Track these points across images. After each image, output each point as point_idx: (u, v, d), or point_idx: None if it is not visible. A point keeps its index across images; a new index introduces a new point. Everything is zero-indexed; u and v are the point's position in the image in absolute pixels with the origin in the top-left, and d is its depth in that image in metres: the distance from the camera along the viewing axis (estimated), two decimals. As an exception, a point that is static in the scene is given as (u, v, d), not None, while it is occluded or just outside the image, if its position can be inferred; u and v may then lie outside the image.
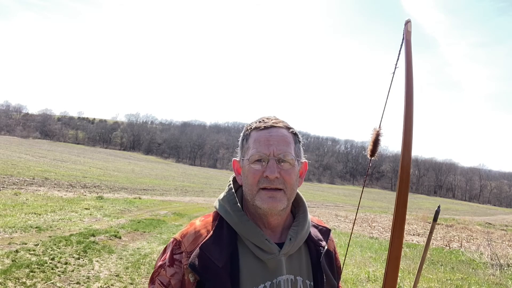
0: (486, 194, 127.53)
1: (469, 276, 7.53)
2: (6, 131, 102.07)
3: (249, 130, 1.09)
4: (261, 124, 1.07)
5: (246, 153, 1.07)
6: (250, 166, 1.04)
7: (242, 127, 1.13)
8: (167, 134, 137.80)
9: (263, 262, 1.02)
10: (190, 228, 1.08)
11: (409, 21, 1.14)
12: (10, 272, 4.77)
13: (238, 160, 1.13)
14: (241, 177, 1.10)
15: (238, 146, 1.14)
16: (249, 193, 1.04)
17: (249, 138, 1.08)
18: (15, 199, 11.38)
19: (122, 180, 30.82)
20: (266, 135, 1.05)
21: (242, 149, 1.11)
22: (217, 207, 1.10)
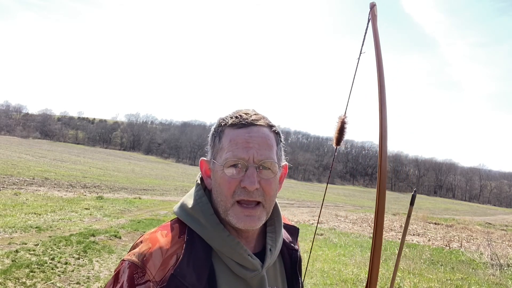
0: (486, 194, 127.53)
1: (469, 276, 7.53)
2: (6, 131, 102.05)
3: (223, 126, 0.89)
4: (238, 120, 0.88)
5: (219, 155, 0.87)
6: (224, 172, 0.84)
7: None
8: (167, 134, 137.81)
9: (243, 280, 0.86)
10: (153, 247, 0.81)
11: (374, 4, 1.08)
12: (10, 272, 4.77)
13: (207, 160, 0.93)
14: (211, 181, 0.90)
15: (208, 144, 0.95)
16: (221, 204, 0.86)
17: (223, 136, 0.88)
18: (15, 199, 11.37)
19: (122, 180, 30.82)
20: (245, 136, 0.85)
21: (213, 148, 0.91)
22: (183, 217, 0.87)
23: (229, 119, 0.90)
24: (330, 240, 11.06)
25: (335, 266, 7.46)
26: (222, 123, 0.91)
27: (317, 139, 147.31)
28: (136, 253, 0.81)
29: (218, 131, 0.91)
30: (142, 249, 0.81)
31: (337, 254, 8.80)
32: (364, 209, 33.22)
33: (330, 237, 11.53)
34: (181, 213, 0.89)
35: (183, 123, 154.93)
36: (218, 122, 0.92)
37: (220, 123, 0.91)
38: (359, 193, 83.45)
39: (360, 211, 26.96)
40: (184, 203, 0.90)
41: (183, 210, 0.89)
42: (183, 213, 0.89)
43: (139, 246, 0.83)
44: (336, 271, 7.00)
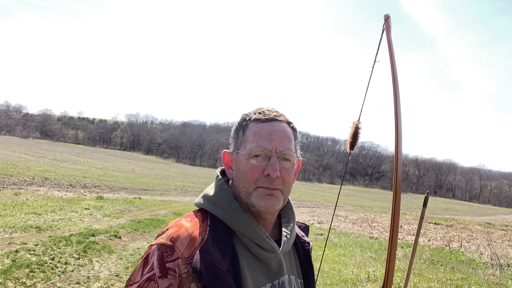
0: (486, 194, 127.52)
1: (469, 276, 7.53)
2: (6, 131, 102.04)
3: (247, 120, 0.98)
4: (262, 115, 0.97)
5: (242, 146, 0.96)
6: (248, 161, 0.93)
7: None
8: (167, 134, 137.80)
9: (263, 262, 0.94)
10: (180, 230, 0.88)
11: (388, 16, 1.14)
12: (10, 272, 4.77)
13: (230, 152, 1.01)
14: (233, 171, 0.99)
15: (231, 137, 1.02)
16: (243, 190, 0.94)
17: (247, 129, 0.97)
18: (15, 199, 11.37)
19: (122, 180, 30.82)
20: (268, 129, 0.95)
21: (236, 140, 0.99)
22: (205, 205, 0.96)
23: (252, 115, 0.99)
24: (330, 240, 11.06)
25: (335, 266, 7.46)
26: (246, 117, 1.00)
27: (317, 139, 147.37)
28: (164, 237, 0.88)
29: (242, 125, 0.99)
30: (169, 232, 0.88)
31: (337, 254, 8.81)
32: (364, 209, 33.22)
33: (330, 237, 11.53)
34: (203, 202, 0.97)
35: (183, 123, 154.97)
36: (241, 117, 1.01)
37: (244, 118, 1.00)
38: (359, 193, 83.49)
39: (360, 211, 26.96)
40: (205, 193, 0.99)
41: (205, 199, 0.98)
42: (205, 201, 0.97)
43: (166, 232, 0.90)
44: (336, 271, 7.00)
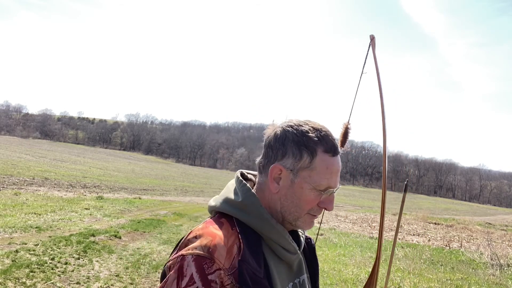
0: (486, 194, 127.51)
1: (469, 276, 7.53)
2: (6, 131, 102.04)
3: (316, 145, 0.92)
4: (330, 145, 0.94)
5: (307, 173, 0.92)
6: (311, 192, 0.92)
7: (242, 127, 1.05)
8: (167, 134, 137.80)
9: (286, 263, 0.97)
10: (215, 240, 0.86)
11: (373, 37, 1.24)
12: (10, 272, 4.77)
13: (286, 168, 0.93)
14: (279, 186, 0.95)
15: (278, 149, 0.95)
16: (292, 212, 0.94)
17: (316, 158, 0.92)
18: (15, 199, 11.38)
19: (122, 180, 30.82)
20: (336, 166, 0.94)
21: (299, 161, 0.92)
22: (231, 211, 0.94)
23: (323, 142, 0.93)
24: (330, 240, 11.06)
25: (335, 266, 7.46)
26: (314, 139, 0.93)
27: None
28: (198, 247, 0.84)
29: (309, 147, 0.92)
30: (203, 242, 0.85)
31: (337, 254, 8.81)
32: (364, 209, 33.22)
33: (330, 237, 11.53)
34: (228, 207, 0.95)
35: (183, 123, 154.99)
36: (306, 136, 0.93)
37: (311, 139, 0.93)
38: (359, 193, 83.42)
39: (360, 211, 26.98)
40: (228, 198, 0.97)
41: (228, 204, 0.95)
42: (229, 206, 0.95)
43: (198, 241, 0.86)
44: (336, 271, 7.00)
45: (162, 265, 6.24)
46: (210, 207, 1.00)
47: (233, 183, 1.02)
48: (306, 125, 0.95)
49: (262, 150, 1.00)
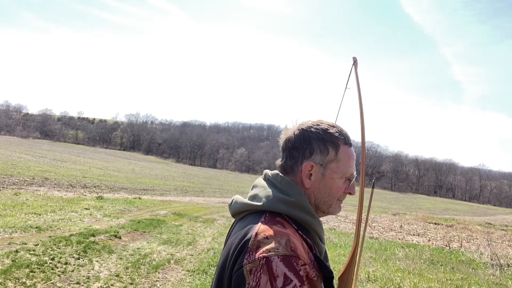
0: (486, 194, 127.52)
1: (469, 276, 7.53)
2: (6, 131, 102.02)
3: (338, 140, 1.07)
4: (347, 137, 1.10)
5: (333, 164, 1.06)
6: (339, 180, 1.07)
7: (242, 127, 1.10)
8: (167, 134, 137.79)
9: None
10: (290, 238, 0.92)
11: (356, 60, 1.48)
12: (10, 272, 4.77)
13: (316, 163, 1.05)
14: (309, 181, 1.06)
15: (304, 148, 1.06)
16: (325, 201, 1.08)
17: (339, 150, 1.07)
18: (15, 199, 11.37)
19: (122, 180, 30.82)
20: (354, 154, 1.10)
21: (326, 156, 1.06)
22: (286, 209, 1.00)
23: (341, 136, 1.08)
24: (330, 240, 11.06)
25: (335, 266, 7.46)
26: (336, 134, 1.07)
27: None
28: (279, 247, 0.88)
29: (333, 142, 1.06)
30: (282, 242, 0.90)
31: (337, 254, 8.80)
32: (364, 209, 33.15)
33: (330, 237, 11.53)
34: (283, 206, 1.01)
35: (183, 123, 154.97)
36: (328, 133, 1.07)
37: (332, 134, 1.07)
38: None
39: (360, 211, 26.93)
40: (281, 197, 1.02)
41: (283, 203, 1.01)
42: (284, 206, 1.01)
43: (274, 241, 0.90)
44: (336, 271, 6.99)
45: (162, 265, 6.24)
46: (252, 205, 1.04)
47: (263, 183, 1.09)
48: (322, 123, 1.09)
49: (283, 153, 1.11)
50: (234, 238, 1.00)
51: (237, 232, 1.02)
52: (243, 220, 1.06)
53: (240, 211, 1.08)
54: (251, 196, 1.08)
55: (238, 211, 1.09)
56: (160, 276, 5.68)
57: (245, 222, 1.03)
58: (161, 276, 5.69)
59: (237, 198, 1.12)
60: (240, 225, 1.05)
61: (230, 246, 0.99)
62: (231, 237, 1.07)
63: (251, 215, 1.03)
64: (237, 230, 1.03)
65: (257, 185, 1.10)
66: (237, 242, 0.95)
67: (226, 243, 1.08)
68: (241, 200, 1.10)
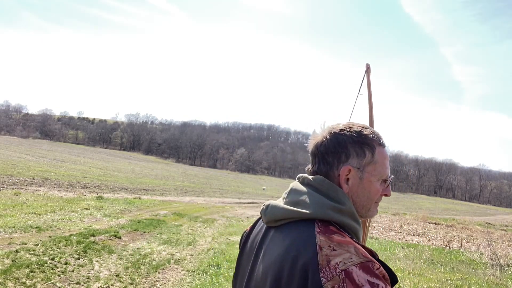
0: (486, 194, 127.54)
1: (469, 276, 7.53)
2: (6, 131, 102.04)
3: (373, 141, 1.03)
4: (380, 139, 1.05)
5: (371, 167, 1.01)
6: (377, 183, 1.02)
7: (242, 127, 1.08)
8: (167, 134, 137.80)
9: None
10: (357, 246, 0.90)
11: (369, 66, 1.45)
12: (10, 272, 4.77)
13: (354, 167, 1.01)
14: (348, 186, 1.01)
15: (340, 152, 1.01)
16: (364, 204, 1.03)
17: (375, 151, 1.02)
18: (15, 199, 11.37)
19: (122, 180, 30.82)
20: (388, 157, 1.07)
21: (363, 159, 1.01)
22: (340, 219, 0.95)
23: (375, 137, 1.04)
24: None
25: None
26: (370, 137, 1.03)
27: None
28: (352, 256, 0.86)
29: (369, 144, 1.02)
30: (351, 250, 0.87)
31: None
32: (364, 209, 33.20)
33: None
34: (336, 215, 0.95)
35: (183, 123, 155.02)
36: (363, 135, 1.02)
37: (367, 136, 1.03)
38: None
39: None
40: (334, 205, 0.96)
41: (337, 212, 0.96)
42: (337, 214, 0.96)
43: (344, 251, 0.86)
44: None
45: (162, 265, 6.24)
46: (299, 213, 0.95)
47: (304, 188, 1.01)
48: (355, 126, 1.05)
49: (315, 158, 1.04)
50: (282, 251, 0.91)
51: (283, 243, 0.93)
52: (284, 228, 0.97)
53: (280, 218, 0.98)
54: (291, 202, 0.99)
55: (277, 218, 0.99)
56: (160, 276, 5.68)
57: (290, 231, 0.94)
58: (161, 276, 5.68)
59: (275, 203, 1.02)
60: (283, 234, 0.95)
61: (279, 260, 0.91)
62: (272, 248, 0.97)
63: (296, 223, 0.95)
64: (282, 241, 0.94)
65: (297, 190, 1.01)
66: (293, 257, 0.88)
67: (265, 255, 0.98)
68: (282, 206, 0.99)
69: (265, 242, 1.01)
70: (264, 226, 1.06)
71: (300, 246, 0.89)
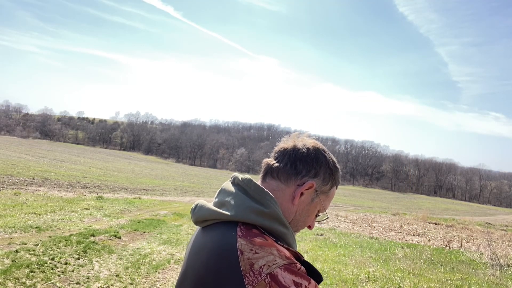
0: (486, 194, 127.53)
1: (469, 276, 7.52)
2: (6, 131, 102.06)
3: (338, 179, 1.07)
4: (339, 180, 1.08)
5: (323, 197, 1.04)
6: (315, 212, 1.04)
7: (242, 127, 1.08)
8: (167, 134, 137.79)
9: None
10: (279, 248, 0.90)
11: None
12: (10, 272, 4.77)
13: (316, 188, 1.01)
14: (299, 200, 1.00)
15: (312, 167, 1.01)
16: (299, 224, 1.03)
17: (333, 188, 1.06)
18: (15, 199, 11.37)
19: (122, 180, 30.82)
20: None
21: (324, 184, 1.02)
22: (262, 222, 0.92)
23: (340, 178, 1.08)
24: (330, 240, 11.06)
25: (335, 266, 7.46)
26: (339, 174, 1.07)
27: (317, 139, 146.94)
28: (276, 258, 0.85)
29: (336, 179, 1.06)
30: (274, 252, 0.86)
31: (337, 254, 8.80)
32: (364, 209, 33.22)
33: (330, 237, 11.53)
34: (256, 218, 0.92)
35: (183, 123, 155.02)
36: (336, 168, 1.06)
37: (338, 172, 1.06)
38: (359, 193, 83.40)
39: (360, 211, 26.96)
40: (255, 208, 0.93)
41: (257, 215, 0.92)
42: (258, 217, 0.92)
43: (267, 253, 0.85)
44: (336, 271, 7.00)
45: (162, 265, 6.24)
46: (221, 214, 0.93)
47: (232, 188, 0.99)
48: (331, 153, 1.07)
49: (284, 158, 1.01)
50: (204, 253, 0.90)
51: (206, 245, 0.91)
52: (209, 229, 0.95)
53: (205, 219, 0.96)
54: (219, 202, 0.98)
55: (203, 219, 0.97)
56: (160, 276, 5.68)
57: (213, 233, 0.92)
58: (161, 276, 5.68)
59: (202, 204, 1.00)
60: (207, 235, 0.94)
61: (200, 262, 0.90)
62: (195, 249, 0.95)
63: (220, 225, 0.92)
64: (205, 242, 0.92)
65: (226, 191, 0.99)
66: (214, 261, 0.86)
67: (190, 254, 0.97)
68: (207, 206, 0.97)
69: (193, 243, 0.99)
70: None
71: (220, 251, 0.86)
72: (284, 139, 1.08)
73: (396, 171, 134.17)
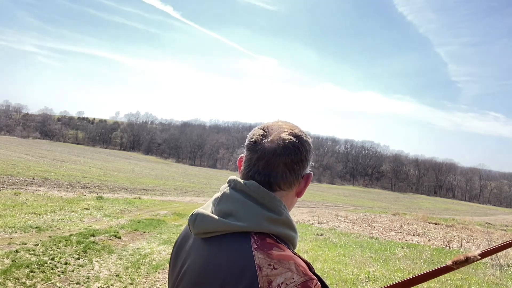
0: (486, 194, 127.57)
1: (469, 276, 7.53)
2: (6, 131, 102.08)
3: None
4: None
5: (303, 183, 0.96)
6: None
7: (242, 127, 1.04)
8: (167, 134, 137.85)
9: None
10: (297, 260, 0.85)
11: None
12: (10, 272, 4.77)
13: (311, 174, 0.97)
14: (301, 195, 0.98)
15: (307, 161, 0.94)
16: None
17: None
18: (15, 199, 11.37)
19: (122, 180, 30.82)
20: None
21: (307, 166, 0.95)
22: (276, 230, 0.87)
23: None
24: (330, 240, 11.06)
25: (335, 266, 7.46)
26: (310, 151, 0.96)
27: (317, 139, 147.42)
28: (294, 275, 0.80)
29: (311, 155, 0.97)
30: (292, 267, 0.81)
31: (337, 254, 8.80)
32: (364, 209, 33.22)
33: (330, 237, 11.53)
34: (272, 226, 0.87)
35: (183, 123, 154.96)
36: (311, 145, 0.96)
37: (311, 148, 0.96)
38: (359, 193, 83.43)
39: (360, 211, 26.96)
40: (269, 216, 0.87)
41: (273, 223, 0.87)
42: (273, 226, 0.87)
43: (285, 269, 0.81)
44: (336, 271, 7.00)
45: (162, 265, 6.24)
46: (233, 226, 0.84)
47: (237, 195, 0.89)
48: (299, 127, 0.97)
49: (269, 165, 0.89)
50: (221, 273, 0.81)
51: (220, 263, 0.82)
52: (218, 243, 0.85)
53: (211, 231, 0.86)
54: (222, 212, 0.87)
55: (208, 231, 0.86)
56: (160, 276, 5.68)
57: (226, 248, 0.83)
58: (161, 276, 5.68)
59: (204, 213, 0.88)
60: (219, 251, 0.84)
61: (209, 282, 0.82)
62: (198, 263, 0.86)
63: (230, 237, 0.84)
64: (218, 260, 0.83)
65: (229, 198, 0.89)
66: (235, 282, 0.79)
67: (197, 271, 0.86)
68: (212, 217, 0.86)
69: (191, 254, 0.90)
70: (192, 235, 0.93)
71: (236, 268, 0.80)
72: (257, 136, 0.92)
73: (396, 171, 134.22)
